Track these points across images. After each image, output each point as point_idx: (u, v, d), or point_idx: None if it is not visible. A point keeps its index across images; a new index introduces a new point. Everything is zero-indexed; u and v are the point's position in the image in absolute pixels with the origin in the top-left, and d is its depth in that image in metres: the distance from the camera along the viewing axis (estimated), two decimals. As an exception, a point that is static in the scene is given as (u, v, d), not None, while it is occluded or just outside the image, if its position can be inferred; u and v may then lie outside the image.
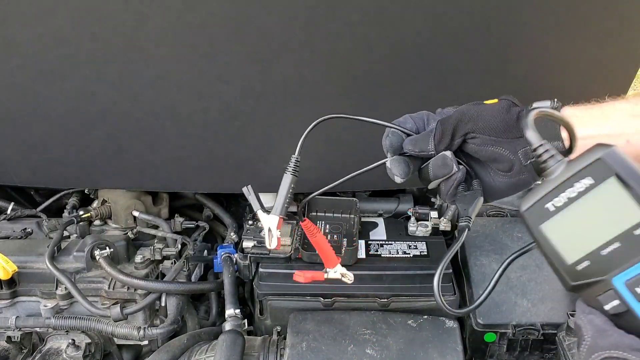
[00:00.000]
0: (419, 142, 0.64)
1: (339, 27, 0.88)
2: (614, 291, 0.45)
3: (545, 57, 0.99)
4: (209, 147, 1.08)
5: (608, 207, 0.45)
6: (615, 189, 0.44)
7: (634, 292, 0.44)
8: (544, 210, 0.47)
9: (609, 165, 0.44)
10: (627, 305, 0.44)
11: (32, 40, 0.90)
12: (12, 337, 1.12)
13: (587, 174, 0.45)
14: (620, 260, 0.44)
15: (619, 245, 0.44)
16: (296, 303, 1.09)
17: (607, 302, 0.45)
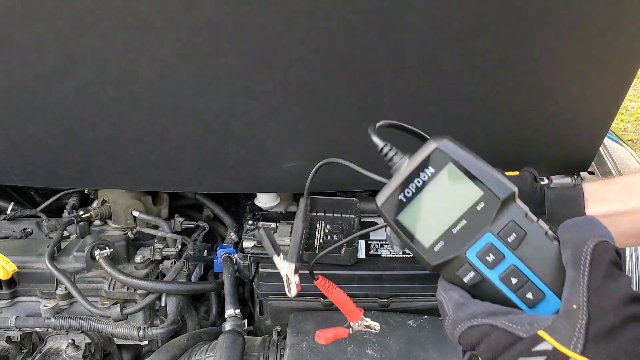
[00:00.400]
0: None
1: (339, 27, 0.87)
2: (469, 264, 0.50)
3: (545, 57, 0.99)
4: (209, 147, 1.08)
5: (451, 191, 0.51)
6: (454, 174, 0.50)
7: (484, 261, 0.49)
8: (398, 201, 0.52)
9: (445, 154, 0.51)
10: (482, 274, 0.49)
11: (32, 40, 0.90)
12: (12, 337, 1.12)
13: (428, 164, 0.51)
14: (469, 236, 0.50)
15: (466, 222, 0.50)
16: (296, 303, 1.09)
17: (465, 275, 0.50)
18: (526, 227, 0.49)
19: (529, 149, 1.20)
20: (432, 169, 0.51)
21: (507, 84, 1.05)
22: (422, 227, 0.52)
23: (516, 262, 0.49)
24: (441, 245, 0.50)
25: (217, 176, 1.14)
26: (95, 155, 1.09)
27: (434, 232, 0.51)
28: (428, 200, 0.51)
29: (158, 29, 0.89)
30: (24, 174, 1.14)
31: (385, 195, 0.53)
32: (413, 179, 0.52)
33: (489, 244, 0.49)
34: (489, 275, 0.49)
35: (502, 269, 0.49)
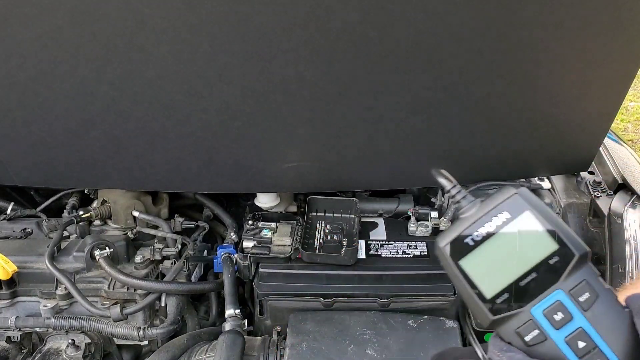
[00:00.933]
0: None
1: (339, 27, 0.87)
2: (533, 321, 0.46)
3: (546, 57, 0.99)
4: (209, 147, 1.08)
5: (523, 240, 0.47)
6: (529, 223, 0.47)
7: (551, 320, 0.45)
8: (464, 245, 0.48)
9: (524, 202, 0.48)
10: (546, 334, 0.45)
11: (32, 40, 0.90)
12: (12, 337, 1.12)
13: (503, 209, 0.48)
14: (537, 290, 0.46)
15: (536, 275, 0.46)
16: (296, 303, 1.09)
17: (527, 333, 0.46)
18: (599, 290, 0.46)
19: (529, 149, 1.20)
20: (507, 215, 0.48)
21: (508, 84, 1.05)
22: (486, 276, 0.48)
23: (585, 325, 0.45)
24: (505, 298, 0.47)
25: (217, 176, 1.14)
26: (95, 155, 1.09)
27: (498, 282, 0.47)
28: (497, 247, 0.48)
29: (158, 29, 0.89)
30: (24, 173, 1.14)
31: (449, 237, 0.49)
32: (484, 223, 0.48)
33: (557, 302, 0.46)
34: (554, 336, 0.45)
35: (569, 330, 0.45)
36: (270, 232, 1.18)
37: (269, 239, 1.16)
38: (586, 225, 1.28)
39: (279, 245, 1.15)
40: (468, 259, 0.48)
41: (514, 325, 0.46)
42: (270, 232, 1.18)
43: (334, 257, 1.11)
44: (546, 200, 1.38)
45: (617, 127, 4.09)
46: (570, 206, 1.32)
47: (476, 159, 1.19)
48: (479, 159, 1.20)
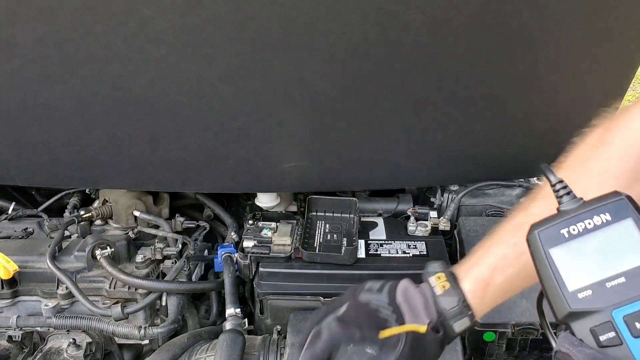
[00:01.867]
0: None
1: (339, 27, 0.88)
2: (612, 323, 0.46)
3: (545, 57, 0.99)
4: (209, 147, 1.08)
5: (619, 244, 0.47)
6: (630, 229, 0.47)
7: (631, 327, 0.45)
8: (559, 235, 0.49)
9: (630, 207, 0.48)
10: (622, 339, 0.45)
11: (33, 40, 0.90)
12: (13, 337, 1.13)
13: (607, 210, 0.48)
14: (623, 295, 0.46)
15: (625, 280, 0.46)
16: (296, 302, 1.09)
17: (603, 333, 0.46)
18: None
19: (529, 149, 1.21)
20: (609, 217, 0.48)
21: (507, 84, 1.06)
22: (574, 269, 0.48)
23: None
24: (588, 294, 0.47)
25: (217, 176, 1.14)
26: (96, 155, 1.09)
27: (584, 278, 0.48)
28: (591, 244, 0.48)
29: (158, 29, 0.89)
30: (25, 173, 1.15)
31: (546, 224, 0.50)
32: (584, 219, 0.49)
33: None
34: (630, 344, 0.45)
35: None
36: (271, 232, 1.18)
37: (269, 238, 1.17)
38: (586, 225, 1.28)
39: (279, 245, 1.15)
40: (559, 248, 0.49)
41: (591, 323, 0.46)
42: (270, 231, 1.19)
43: (334, 256, 1.11)
44: (546, 199, 1.38)
45: (618, 126, 4.08)
46: (570, 206, 1.32)
47: (476, 159, 1.20)
48: (479, 159, 1.20)
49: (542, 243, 0.50)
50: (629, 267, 0.47)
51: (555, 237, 0.49)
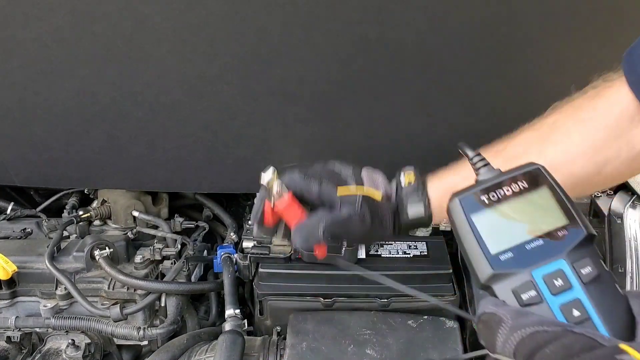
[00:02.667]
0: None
1: (339, 27, 0.87)
2: (532, 283, 0.48)
3: (545, 57, 0.99)
4: (209, 147, 1.08)
5: (536, 210, 0.51)
6: (546, 196, 0.51)
7: (550, 285, 0.47)
8: (479, 201, 0.51)
9: (545, 176, 0.51)
10: (542, 297, 0.47)
11: (32, 40, 0.90)
12: (11, 337, 1.12)
13: (524, 179, 0.51)
14: (542, 256, 0.48)
15: (543, 243, 0.49)
16: (296, 303, 1.09)
17: (524, 292, 0.47)
18: (600, 269, 0.48)
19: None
20: (526, 184, 0.51)
21: (508, 84, 1.05)
22: (495, 234, 0.50)
23: (582, 297, 0.47)
24: (509, 256, 0.49)
25: (217, 176, 1.14)
26: (94, 155, 1.09)
27: (505, 241, 0.50)
28: (510, 211, 0.51)
29: (158, 28, 0.89)
30: (23, 173, 1.14)
31: (466, 192, 0.52)
32: (502, 187, 0.51)
33: (559, 270, 0.48)
34: (550, 301, 0.47)
35: (566, 298, 0.47)
36: (270, 232, 1.18)
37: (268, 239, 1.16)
38: (586, 225, 1.28)
39: (279, 245, 1.15)
40: (480, 214, 0.51)
41: (512, 284, 0.48)
42: (270, 232, 1.18)
43: (334, 257, 1.11)
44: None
45: (617, 127, 4.08)
46: (570, 206, 1.32)
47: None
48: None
49: (463, 209, 0.51)
50: (547, 230, 0.49)
51: (476, 203, 0.51)
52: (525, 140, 0.68)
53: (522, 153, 0.66)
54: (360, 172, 0.71)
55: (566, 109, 0.67)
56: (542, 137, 0.66)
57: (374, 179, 0.70)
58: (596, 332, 0.43)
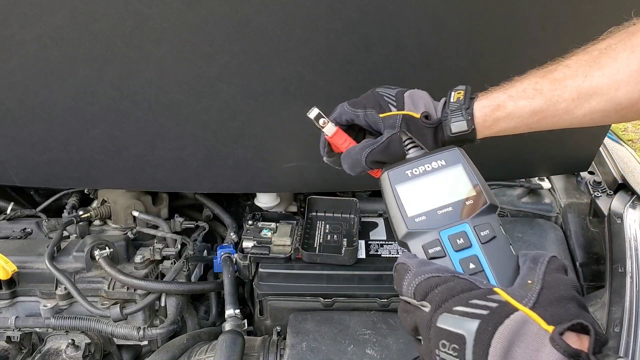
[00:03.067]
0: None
1: (339, 27, 0.87)
2: (439, 241, 0.58)
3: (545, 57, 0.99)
4: (209, 147, 1.08)
5: (450, 183, 0.61)
6: (459, 173, 0.61)
7: (453, 243, 0.57)
8: (404, 174, 0.62)
9: (459, 156, 0.62)
10: (446, 252, 0.57)
11: (32, 40, 0.90)
12: (11, 337, 1.12)
13: (442, 157, 0.62)
14: (449, 220, 0.58)
15: (451, 209, 0.59)
16: (296, 303, 1.09)
17: (431, 248, 0.57)
18: (497, 233, 0.57)
19: (529, 149, 1.20)
20: (444, 162, 0.62)
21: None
22: (413, 200, 0.61)
23: (479, 253, 0.56)
24: (422, 219, 0.59)
25: (217, 176, 1.14)
26: (95, 155, 1.09)
27: (421, 206, 0.60)
28: (429, 182, 0.61)
29: (158, 28, 0.89)
30: (23, 174, 1.14)
31: (394, 166, 0.63)
32: (424, 164, 0.62)
33: (462, 232, 0.58)
34: (452, 256, 0.57)
35: (465, 254, 0.56)
36: (270, 232, 1.18)
37: (268, 239, 1.16)
38: (586, 225, 1.28)
39: (279, 245, 1.15)
40: (403, 185, 0.62)
41: (422, 241, 0.58)
42: (270, 232, 1.18)
43: (334, 257, 1.11)
44: (546, 200, 1.38)
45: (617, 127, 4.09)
46: (570, 206, 1.32)
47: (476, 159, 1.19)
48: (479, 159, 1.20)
49: (390, 180, 0.62)
50: (456, 199, 0.59)
51: (401, 176, 0.62)
52: (575, 63, 0.69)
53: (570, 75, 0.68)
54: (403, 95, 0.74)
55: (620, 35, 0.68)
56: (592, 60, 0.67)
57: (414, 100, 0.73)
58: (478, 279, 0.52)
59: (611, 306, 1.03)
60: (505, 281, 0.54)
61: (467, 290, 0.50)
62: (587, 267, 1.23)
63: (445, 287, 0.51)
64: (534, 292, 0.49)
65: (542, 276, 0.51)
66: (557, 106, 0.69)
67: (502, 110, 0.70)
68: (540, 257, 0.54)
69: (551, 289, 0.49)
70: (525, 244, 1.25)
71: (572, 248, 1.26)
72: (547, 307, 0.48)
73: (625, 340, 0.95)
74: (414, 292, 0.52)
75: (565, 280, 0.51)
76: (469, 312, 0.48)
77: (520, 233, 1.27)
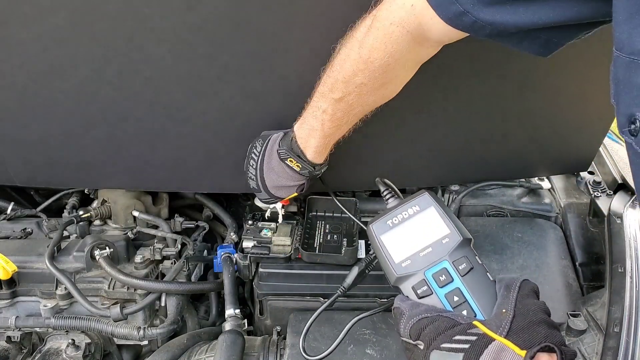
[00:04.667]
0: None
1: (339, 27, 0.87)
2: (425, 280, 0.64)
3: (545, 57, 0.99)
4: (209, 147, 1.08)
5: (426, 225, 0.68)
6: (432, 214, 0.69)
7: (437, 280, 0.64)
8: (386, 225, 0.70)
9: (430, 199, 0.70)
10: (432, 289, 0.64)
11: (32, 40, 0.90)
12: (12, 337, 1.12)
13: (416, 203, 0.70)
14: (431, 259, 0.65)
15: (431, 250, 0.66)
16: (296, 303, 1.09)
17: (419, 288, 0.64)
18: (474, 264, 0.64)
19: (529, 149, 1.20)
20: (418, 208, 0.70)
21: (508, 84, 1.05)
22: (398, 247, 0.67)
23: (460, 286, 0.63)
24: (408, 263, 0.66)
25: (217, 176, 1.14)
26: (95, 155, 1.09)
27: (405, 251, 0.67)
28: (408, 228, 0.69)
29: (158, 28, 0.89)
30: (24, 173, 1.14)
31: (377, 218, 0.71)
32: (402, 212, 0.70)
33: (443, 269, 0.64)
34: (438, 292, 0.63)
35: (448, 289, 0.63)
36: (270, 232, 1.18)
37: (269, 239, 1.16)
38: (586, 225, 1.28)
39: (279, 245, 1.15)
40: (386, 234, 0.69)
41: (412, 283, 0.65)
42: (270, 232, 1.18)
43: (334, 257, 1.11)
44: (546, 200, 1.38)
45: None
46: (570, 206, 1.32)
47: (476, 159, 1.19)
48: (479, 159, 1.20)
49: (374, 232, 0.69)
50: (433, 240, 0.66)
51: (383, 227, 0.69)
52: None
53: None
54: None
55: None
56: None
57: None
58: (460, 314, 0.60)
59: (611, 306, 1.03)
60: (486, 307, 0.61)
61: (451, 327, 0.57)
62: (587, 267, 1.23)
63: (432, 327, 0.58)
64: (507, 321, 0.56)
65: (514, 304, 0.58)
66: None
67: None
68: (512, 284, 0.61)
69: (522, 316, 0.56)
70: (525, 244, 1.25)
71: (572, 248, 1.26)
72: (519, 333, 0.54)
73: (625, 340, 0.95)
74: (409, 333, 0.60)
75: (535, 305, 0.58)
76: (454, 347, 0.55)
77: (520, 233, 1.27)
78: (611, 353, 0.97)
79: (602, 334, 1.01)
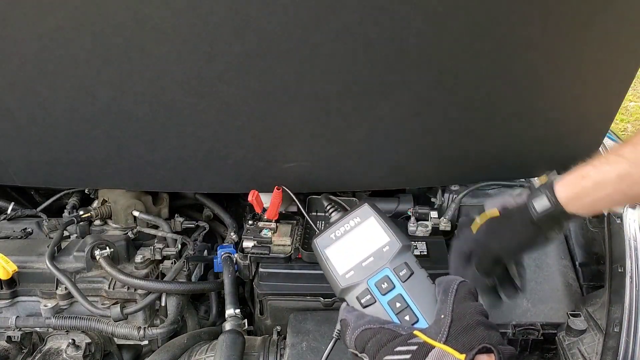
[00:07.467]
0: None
1: (339, 27, 0.87)
2: (368, 289, 0.65)
3: (546, 57, 0.99)
4: (209, 147, 1.08)
5: (367, 235, 0.69)
6: (372, 225, 0.70)
7: (379, 288, 0.65)
8: (329, 238, 0.71)
9: (370, 210, 0.72)
10: (375, 298, 0.65)
11: (32, 40, 0.90)
12: (12, 337, 1.12)
13: (357, 215, 0.72)
14: (373, 268, 0.66)
15: (373, 259, 0.67)
16: (296, 303, 1.09)
17: (363, 297, 0.65)
18: (414, 269, 0.66)
19: (529, 149, 1.20)
20: (359, 219, 0.72)
21: (508, 83, 1.05)
22: (341, 259, 0.69)
23: (402, 292, 0.64)
24: (351, 274, 0.67)
25: (217, 176, 1.14)
26: (95, 155, 1.09)
27: (348, 263, 0.68)
28: (350, 240, 0.70)
29: (158, 29, 0.89)
30: (24, 173, 1.14)
31: (321, 233, 0.72)
32: (344, 225, 0.72)
33: (385, 276, 0.65)
34: (381, 300, 0.64)
35: (391, 296, 0.64)
36: (270, 232, 1.18)
37: (269, 238, 1.16)
38: (586, 225, 1.28)
39: (279, 245, 1.15)
40: (330, 248, 0.70)
41: (356, 293, 0.66)
42: (270, 232, 1.18)
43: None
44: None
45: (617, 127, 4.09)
46: (570, 206, 1.32)
47: (476, 159, 1.19)
48: (479, 159, 1.20)
49: (319, 247, 0.71)
50: (374, 249, 0.68)
51: (327, 240, 0.71)
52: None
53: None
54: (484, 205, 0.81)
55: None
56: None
57: (492, 202, 0.81)
58: (402, 325, 0.61)
59: (611, 306, 1.03)
60: (428, 311, 0.62)
61: (392, 339, 0.58)
62: (587, 267, 1.23)
63: (375, 340, 0.59)
64: (445, 326, 0.57)
65: (451, 308, 0.59)
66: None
67: (587, 180, 0.74)
68: (450, 286, 0.62)
69: (460, 320, 0.58)
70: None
71: (572, 248, 1.26)
72: (457, 337, 0.56)
73: (625, 340, 0.95)
74: (355, 345, 0.61)
75: (472, 308, 0.60)
76: (396, 359, 0.56)
77: (520, 233, 1.27)
78: (611, 353, 0.97)
79: (602, 334, 1.01)
